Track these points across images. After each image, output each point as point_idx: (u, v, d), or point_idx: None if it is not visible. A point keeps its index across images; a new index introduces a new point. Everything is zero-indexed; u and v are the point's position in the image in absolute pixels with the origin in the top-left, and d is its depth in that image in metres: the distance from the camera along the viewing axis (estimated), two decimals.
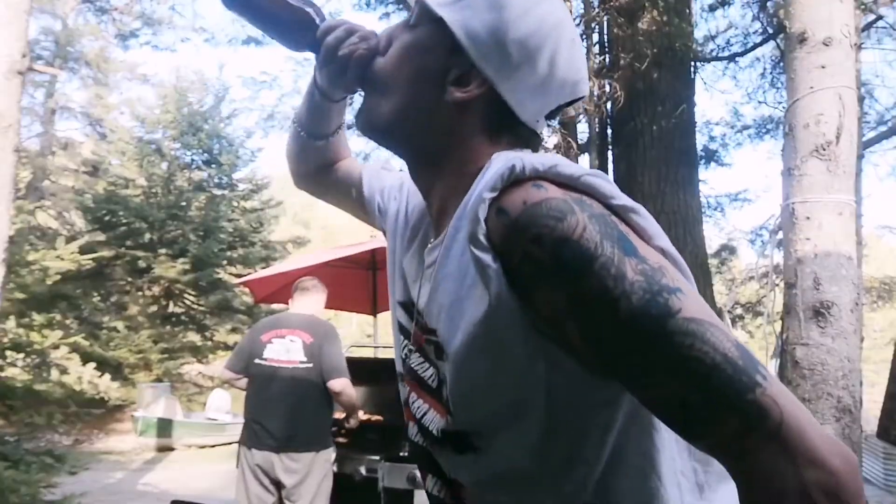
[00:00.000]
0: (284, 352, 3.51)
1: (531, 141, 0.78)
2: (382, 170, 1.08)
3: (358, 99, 0.91)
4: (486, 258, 0.65)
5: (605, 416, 0.69)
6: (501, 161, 0.68)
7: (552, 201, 0.63)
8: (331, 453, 3.57)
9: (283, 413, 3.43)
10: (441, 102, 0.76)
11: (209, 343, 14.98)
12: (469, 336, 0.68)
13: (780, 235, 2.67)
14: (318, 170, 1.10)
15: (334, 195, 1.13)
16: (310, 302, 3.70)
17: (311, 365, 3.47)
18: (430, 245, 0.82)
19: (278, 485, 3.43)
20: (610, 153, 7.54)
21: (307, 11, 0.88)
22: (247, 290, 8.19)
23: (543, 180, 0.65)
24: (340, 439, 4.10)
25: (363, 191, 1.05)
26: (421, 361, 0.81)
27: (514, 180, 0.66)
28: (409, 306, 0.86)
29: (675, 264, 0.68)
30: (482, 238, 0.66)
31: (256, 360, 3.52)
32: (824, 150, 2.42)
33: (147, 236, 14.25)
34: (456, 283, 0.71)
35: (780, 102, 8.01)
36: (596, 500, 0.71)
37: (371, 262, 5.72)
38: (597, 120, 7.13)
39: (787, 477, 0.56)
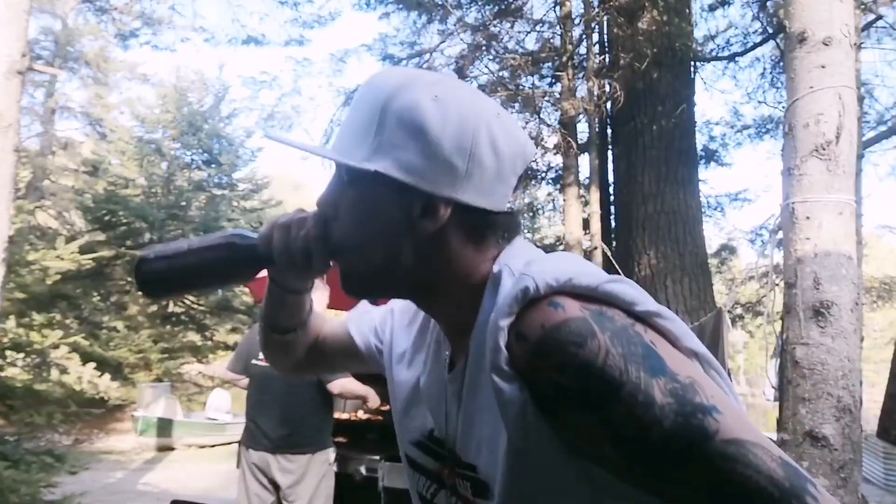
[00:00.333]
0: None
1: (510, 223, 0.77)
2: (365, 312, 1.03)
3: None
4: (513, 387, 0.64)
5: None
6: (510, 279, 0.68)
7: (571, 323, 0.61)
8: (329, 454, 3.56)
9: (279, 414, 3.43)
10: (417, 240, 0.74)
11: (209, 343, 15.00)
12: (513, 470, 0.67)
13: (780, 235, 2.67)
14: (306, 354, 1.05)
15: (331, 365, 1.10)
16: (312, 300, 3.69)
17: None
18: (446, 365, 0.81)
19: (276, 485, 3.43)
20: (610, 153, 7.55)
21: (230, 239, 0.84)
22: (246, 289, 8.19)
23: (560, 295, 0.63)
24: (340, 438, 4.10)
25: (359, 346, 1.01)
26: (454, 501, 0.79)
27: (531, 301, 0.64)
28: (427, 443, 0.83)
29: (708, 365, 0.66)
30: (506, 367, 0.64)
31: (254, 361, 3.52)
32: (824, 149, 2.42)
33: (147, 236, 14.25)
34: (493, 414, 0.69)
35: (779, 102, 8.00)
36: None
37: None
38: (597, 120, 7.13)
39: None
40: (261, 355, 3.51)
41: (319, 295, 3.73)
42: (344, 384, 3.48)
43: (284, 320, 0.99)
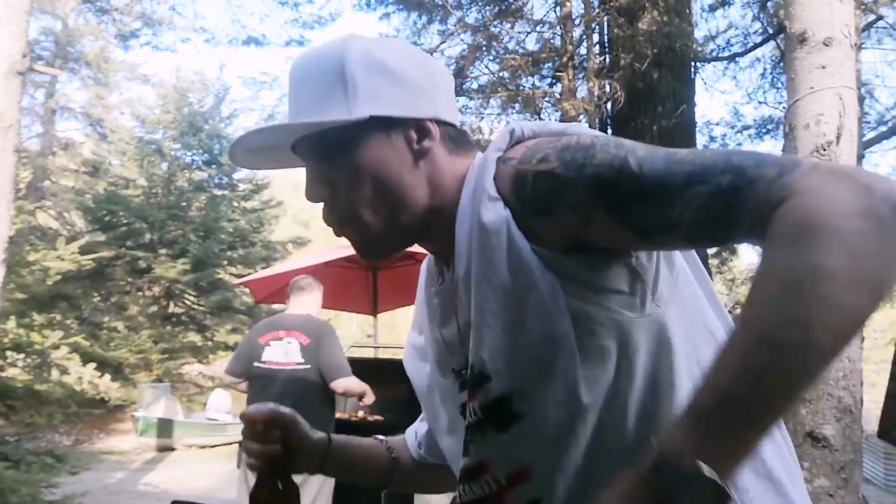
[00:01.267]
0: (283, 354, 3.50)
1: (461, 134, 0.84)
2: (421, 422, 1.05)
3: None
4: (497, 208, 0.72)
5: (624, 334, 0.71)
6: (481, 158, 0.77)
7: (546, 139, 0.74)
8: None
9: None
10: (421, 167, 0.79)
11: (209, 343, 14.99)
12: (496, 296, 0.73)
13: None
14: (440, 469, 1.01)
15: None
16: (306, 301, 3.67)
17: (308, 366, 3.45)
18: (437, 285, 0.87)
19: None
20: None
21: None
22: (247, 290, 8.19)
23: (538, 136, 0.75)
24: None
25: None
26: (472, 418, 0.81)
27: (518, 141, 0.75)
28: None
29: None
30: (492, 192, 0.73)
31: (256, 364, 3.51)
32: (824, 150, 2.42)
33: (147, 236, 14.26)
34: (476, 255, 0.75)
35: (780, 102, 8.00)
36: (644, 429, 0.71)
37: (371, 262, 5.72)
38: (597, 120, 7.13)
39: (842, 191, 0.55)
40: (263, 357, 3.52)
41: (314, 295, 3.71)
42: (347, 384, 3.48)
43: (364, 482, 1.04)
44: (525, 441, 0.75)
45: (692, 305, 0.79)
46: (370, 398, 3.64)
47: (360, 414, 4.45)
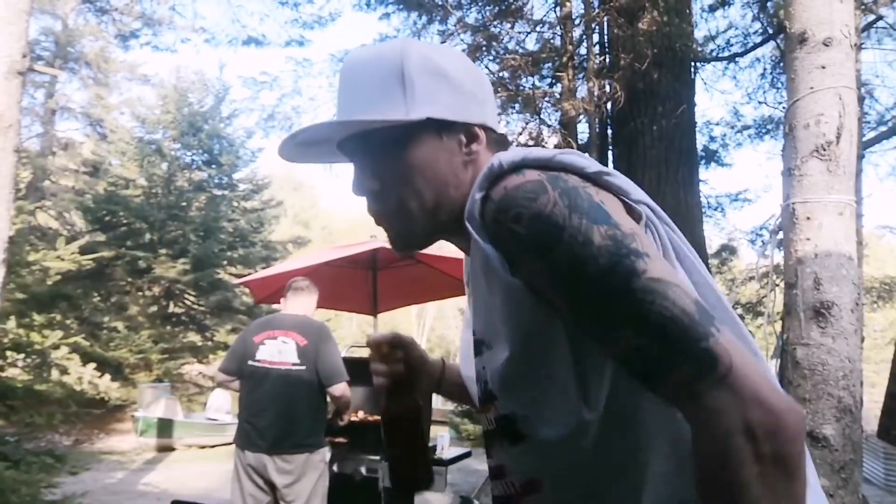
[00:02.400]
0: (277, 353, 3.50)
1: (502, 139, 0.87)
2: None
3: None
4: (487, 245, 0.74)
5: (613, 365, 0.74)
6: (482, 173, 0.78)
7: (528, 184, 0.71)
8: (325, 453, 3.56)
9: (275, 414, 3.42)
10: (462, 172, 0.83)
11: (209, 343, 14.98)
12: (495, 322, 0.77)
13: (781, 235, 2.67)
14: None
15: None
16: (303, 302, 3.67)
17: (304, 367, 3.45)
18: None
19: (272, 485, 3.43)
20: (610, 153, 7.53)
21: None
22: (247, 290, 8.19)
23: (523, 168, 0.74)
24: (340, 439, 4.09)
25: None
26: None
27: (498, 176, 0.74)
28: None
29: (657, 216, 0.77)
30: (480, 229, 0.74)
31: (249, 362, 3.51)
32: (824, 150, 2.42)
33: (147, 236, 14.25)
34: (481, 280, 0.79)
35: (780, 103, 8.01)
36: (651, 438, 0.74)
37: (371, 262, 5.72)
38: (597, 120, 7.13)
39: (734, 416, 0.61)
40: (257, 356, 3.52)
41: (311, 296, 3.71)
42: (345, 389, 3.47)
43: (470, 403, 1.06)
44: (532, 457, 0.78)
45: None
46: (347, 419, 3.76)
47: (360, 414, 4.45)
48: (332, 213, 48.73)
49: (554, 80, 7.75)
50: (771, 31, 7.18)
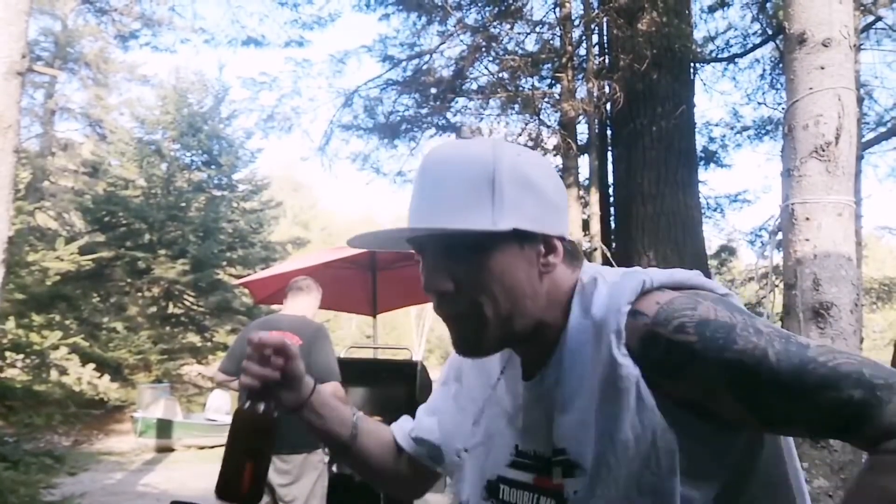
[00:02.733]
0: None
1: (575, 250, 0.88)
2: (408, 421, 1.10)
3: None
4: (628, 364, 0.75)
5: (732, 458, 0.77)
6: (604, 285, 0.81)
7: (679, 299, 0.77)
8: (323, 454, 3.56)
9: None
10: (539, 283, 0.83)
11: (209, 344, 14.98)
12: (612, 444, 0.76)
13: (780, 236, 2.67)
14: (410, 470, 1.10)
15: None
16: (303, 302, 3.67)
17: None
18: (520, 378, 0.90)
19: (270, 486, 3.42)
20: (609, 154, 7.54)
21: None
22: (246, 290, 8.19)
23: (663, 288, 0.79)
24: None
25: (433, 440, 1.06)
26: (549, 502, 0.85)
27: (644, 292, 0.78)
28: (518, 459, 0.89)
29: None
30: (623, 346, 0.76)
31: None
32: (824, 151, 2.42)
33: (147, 237, 14.25)
34: (584, 400, 0.79)
35: (779, 103, 8.01)
36: None
37: (371, 263, 5.72)
38: (596, 121, 7.13)
39: None
40: None
41: (312, 297, 3.70)
42: (335, 389, 3.46)
43: (324, 439, 1.07)
44: None
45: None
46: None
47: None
48: (331, 214, 48.75)
49: (553, 81, 7.76)
50: (770, 32, 7.18)
